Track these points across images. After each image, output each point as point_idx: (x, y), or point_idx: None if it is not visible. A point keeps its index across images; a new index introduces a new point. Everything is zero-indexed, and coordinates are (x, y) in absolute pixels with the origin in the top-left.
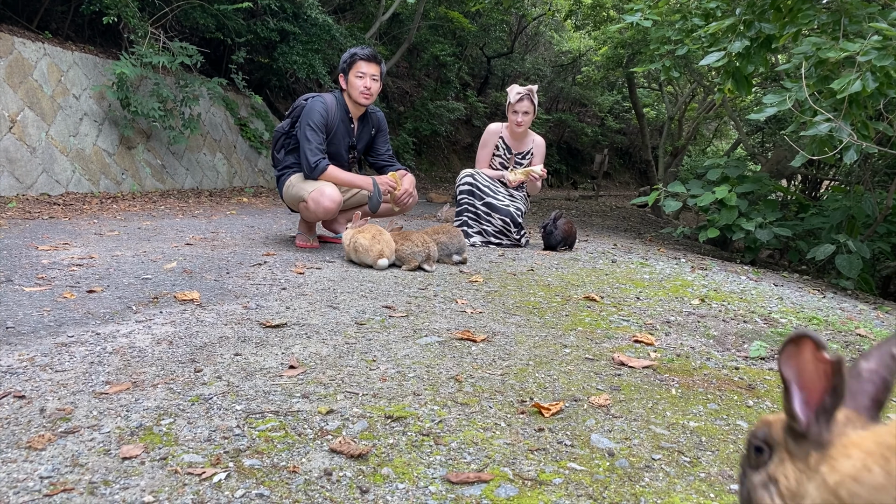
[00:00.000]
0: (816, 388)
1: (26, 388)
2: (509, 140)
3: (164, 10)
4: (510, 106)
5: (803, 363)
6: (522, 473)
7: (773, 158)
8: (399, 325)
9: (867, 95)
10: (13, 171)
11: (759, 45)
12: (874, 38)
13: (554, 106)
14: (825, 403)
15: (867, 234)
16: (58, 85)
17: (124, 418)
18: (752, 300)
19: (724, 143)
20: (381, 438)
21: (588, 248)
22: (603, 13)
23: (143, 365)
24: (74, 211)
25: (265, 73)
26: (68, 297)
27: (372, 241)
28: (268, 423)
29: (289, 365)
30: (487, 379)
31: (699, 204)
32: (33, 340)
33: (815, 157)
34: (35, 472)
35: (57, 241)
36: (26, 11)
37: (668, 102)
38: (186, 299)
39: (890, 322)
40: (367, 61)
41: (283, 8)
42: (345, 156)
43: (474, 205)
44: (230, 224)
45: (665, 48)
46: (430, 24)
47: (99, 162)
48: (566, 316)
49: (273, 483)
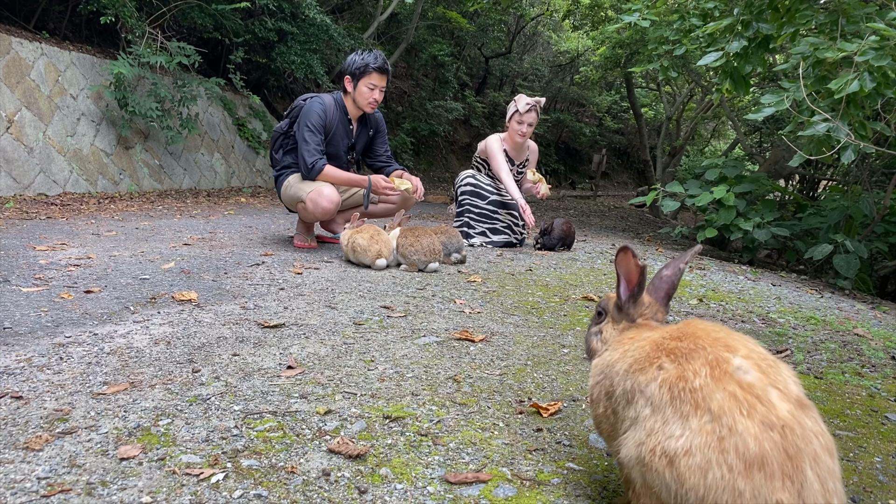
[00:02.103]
0: (632, 281)
1: (24, 388)
2: (510, 152)
3: (162, 10)
4: (517, 115)
5: (627, 265)
6: (521, 473)
7: (771, 158)
8: (397, 326)
9: (865, 95)
10: (10, 172)
11: (757, 46)
12: (872, 38)
13: (552, 106)
14: (635, 292)
15: (865, 233)
16: (55, 85)
17: (122, 419)
18: (750, 300)
19: (722, 143)
20: (380, 439)
21: (586, 247)
22: (601, 13)
23: (141, 365)
24: (72, 211)
25: (263, 73)
26: (66, 297)
27: (370, 242)
28: (266, 423)
29: (287, 365)
30: (486, 379)
31: (697, 204)
32: (31, 341)
33: (813, 157)
34: (32, 472)
35: (54, 241)
36: (23, 11)
37: (666, 102)
38: (184, 299)
39: (887, 321)
40: (379, 73)
41: (281, 8)
42: (343, 156)
43: (477, 205)
44: (228, 224)
45: (663, 48)
46: (429, 23)
47: (96, 162)
48: (564, 316)
49: (271, 483)
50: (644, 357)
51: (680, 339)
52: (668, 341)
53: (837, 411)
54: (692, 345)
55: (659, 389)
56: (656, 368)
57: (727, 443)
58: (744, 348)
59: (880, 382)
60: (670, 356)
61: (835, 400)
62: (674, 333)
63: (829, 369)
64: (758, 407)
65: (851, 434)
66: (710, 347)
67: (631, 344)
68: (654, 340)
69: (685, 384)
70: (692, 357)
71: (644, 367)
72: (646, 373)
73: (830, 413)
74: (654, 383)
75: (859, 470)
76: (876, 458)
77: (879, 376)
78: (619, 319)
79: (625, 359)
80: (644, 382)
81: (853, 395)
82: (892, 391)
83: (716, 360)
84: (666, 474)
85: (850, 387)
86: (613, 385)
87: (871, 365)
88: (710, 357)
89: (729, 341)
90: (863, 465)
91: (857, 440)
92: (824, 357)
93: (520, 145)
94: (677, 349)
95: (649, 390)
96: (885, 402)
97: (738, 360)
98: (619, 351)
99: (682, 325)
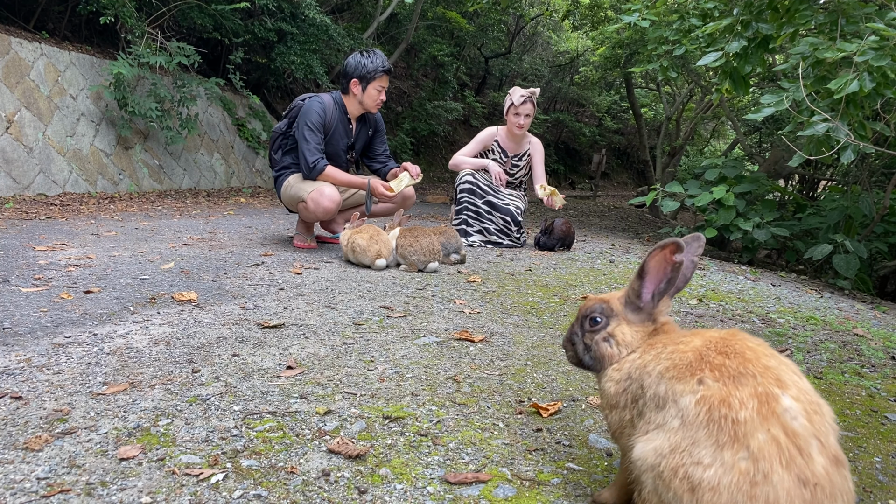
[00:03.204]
0: (660, 278)
1: (23, 388)
2: (505, 143)
3: (162, 10)
4: (512, 108)
5: (661, 261)
6: (521, 473)
7: (771, 158)
8: (397, 326)
9: (864, 95)
10: (10, 172)
11: (757, 46)
12: (871, 38)
13: (552, 106)
14: (661, 289)
15: (864, 233)
16: (55, 85)
17: (122, 419)
18: (750, 300)
19: (722, 143)
20: (380, 439)
21: (586, 248)
22: (601, 13)
23: (141, 365)
24: (72, 211)
25: (263, 73)
26: (65, 297)
27: (370, 242)
28: (265, 423)
29: (287, 365)
30: (485, 379)
31: (697, 204)
32: (30, 341)
33: (813, 157)
34: (32, 473)
35: (54, 241)
36: (23, 11)
37: (666, 102)
38: (184, 300)
39: (887, 321)
40: (387, 75)
41: (280, 8)
42: (343, 156)
43: (475, 203)
44: (228, 224)
45: (663, 48)
46: (428, 24)
47: (96, 162)
48: (564, 316)
49: (271, 484)
50: (684, 365)
51: (727, 356)
52: (712, 354)
53: (837, 411)
54: (741, 367)
55: (695, 406)
56: (696, 382)
57: (759, 490)
58: (794, 387)
59: (880, 382)
60: (714, 372)
61: (834, 400)
62: (719, 346)
63: (829, 369)
64: (797, 459)
65: (851, 434)
66: (760, 377)
67: (664, 347)
68: (697, 349)
69: (728, 412)
70: (740, 383)
71: (683, 375)
72: (684, 382)
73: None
74: (690, 397)
75: (859, 470)
76: (876, 458)
77: (879, 376)
78: (637, 320)
79: (660, 361)
80: (680, 392)
81: (853, 395)
82: (892, 391)
83: (765, 395)
84: (684, 499)
85: (849, 387)
86: (644, 388)
87: (870, 365)
88: (759, 389)
89: (780, 374)
90: (862, 466)
91: (856, 440)
92: (824, 357)
93: (518, 138)
94: (724, 367)
95: (683, 402)
96: (885, 402)
97: (788, 402)
98: (652, 353)
99: (728, 337)
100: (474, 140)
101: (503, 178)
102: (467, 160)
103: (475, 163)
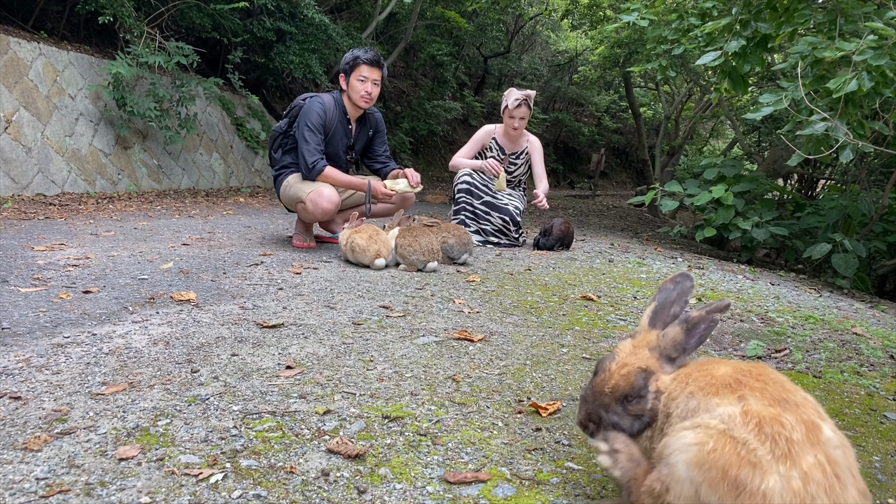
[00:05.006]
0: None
1: (22, 389)
2: (502, 140)
3: (160, 10)
4: (507, 110)
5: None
6: (520, 473)
7: (770, 158)
8: (396, 325)
9: (863, 95)
10: (8, 172)
11: (756, 45)
12: (870, 37)
13: (550, 105)
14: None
15: (863, 233)
16: (53, 85)
17: (121, 419)
18: (749, 299)
19: (721, 142)
20: (379, 438)
21: (585, 247)
22: (599, 13)
23: (140, 366)
24: (70, 211)
25: (262, 73)
26: (64, 297)
27: (369, 241)
28: (265, 423)
29: (286, 365)
30: (485, 379)
31: (696, 203)
32: (29, 341)
33: (812, 156)
34: (31, 473)
35: (53, 241)
36: (21, 11)
37: (665, 102)
38: (183, 300)
39: (886, 320)
40: (369, 65)
41: (279, 7)
42: (342, 156)
43: (472, 204)
44: (227, 224)
45: (662, 48)
46: (427, 23)
47: (95, 162)
48: (563, 315)
49: (270, 484)
50: (720, 384)
51: (766, 383)
52: (749, 379)
53: (836, 410)
54: (783, 394)
55: (742, 416)
56: (736, 398)
57: None
58: (829, 420)
59: (879, 381)
60: (755, 393)
61: (833, 399)
62: (754, 373)
63: (828, 368)
64: (836, 488)
65: (850, 433)
66: (802, 406)
67: (688, 376)
68: (731, 374)
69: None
70: (786, 407)
71: (719, 392)
72: (721, 397)
73: (829, 413)
74: (731, 408)
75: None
76: (875, 457)
77: (878, 375)
78: (671, 369)
79: (687, 386)
80: (716, 404)
81: (852, 394)
82: (891, 390)
83: (811, 423)
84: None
85: (848, 386)
86: (671, 414)
87: (869, 364)
88: (804, 416)
89: (817, 406)
90: (861, 465)
91: (855, 439)
92: (823, 356)
93: (515, 137)
94: (765, 391)
95: (723, 411)
96: (884, 401)
97: (829, 433)
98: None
99: (759, 369)
100: (471, 140)
101: (498, 167)
102: (466, 162)
103: (474, 164)
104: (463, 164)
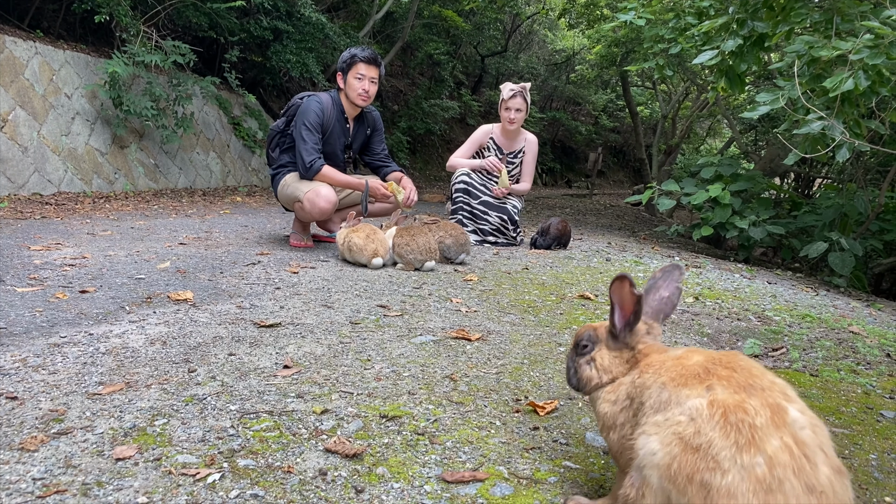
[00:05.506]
0: (627, 311)
1: (19, 389)
2: (500, 140)
3: (157, 9)
4: (503, 103)
5: (622, 294)
6: (518, 472)
7: (767, 157)
8: (394, 325)
9: (859, 94)
10: (4, 171)
11: (752, 44)
12: (866, 36)
13: (548, 104)
14: (630, 320)
15: (860, 231)
16: (49, 84)
17: (118, 419)
18: (746, 298)
19: (718, 141)
20: (376, 438)
21: (582, 246)
22: (597, 12)
23: (137, 365)
24: (67, 211)
25: (259, 72)
26: (61, 297)
27: (366, 241)
28: (262, 423)
29: (283, 365)
30: (482, 378)
31: (693, 202)
32: (25, 341)
33: (808, 155)
34: (28, 473)
35: (49, 241)
36: (17, 10)
37: (662, 101)
38: (180, 299)
39: (882, 319)
40: (366, 63)
41: (276, 6)
42: (340, 155)
43: (470, 203)
44: (224, 223)
45: (659, 47)
46: (424, 22)
47: (91, 161)
48: (561, 314)
49: (268, 483)
50: (690, 374)
51: (733, 370)
52: (718, 368)
53: (833, 409)
54: (749, 380)
55: (709, 408)
56: (704, 388)
57: (772, 498)
58: (798, 401)
59: (875, 380)
60: (723, 382)
61: (830, 397)
62: (723, 361)
63: (825, 367)
64: (806, 468)
65: (847, 431)
66: (768, 390)
67: (662, 365)
68: (701, 363)
69: (745, 417)
70: (751, 392)
71: (689, 382)
72: (690, 388)
73: (826, 411)
74: (699, 399)
75: (855, 467)
76: (871, 456)
77: (874, 374)
78: (616, 347)
79: (660, 375)
80: (686, 396)
81: (848, 392)
82: (887, 388)
83: (776, 406)
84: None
85: (845, 384)
86: (644, 402)
87: (866, 362)
88: (770, 400)
89: (784, 389)
90: (858, 463)
91: (852, 437)
92: (819, 355)
93: (512, 134)
94: (731, 378)
95: (691, 404)
96: (881, 400)
97: (795, 413)
98: (650, 372)
99: (729, 357)
100: (469, 140)
101: (500, 165)
102: (466, 161)
103: (474, 163)
104: (461, 164)
